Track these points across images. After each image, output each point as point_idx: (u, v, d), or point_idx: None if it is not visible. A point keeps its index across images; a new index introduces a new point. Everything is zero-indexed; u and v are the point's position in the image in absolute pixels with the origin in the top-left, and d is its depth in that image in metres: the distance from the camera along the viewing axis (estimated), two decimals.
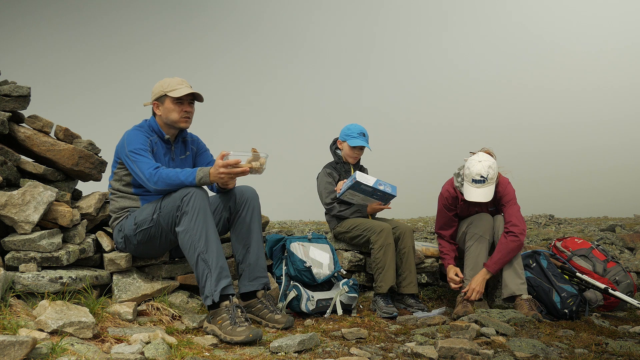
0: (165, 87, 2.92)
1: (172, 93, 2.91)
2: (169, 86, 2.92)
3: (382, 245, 3.53)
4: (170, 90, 2.91)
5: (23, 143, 2.96)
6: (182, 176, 2.69)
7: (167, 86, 2.92)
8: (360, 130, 3.92)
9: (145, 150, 2.84)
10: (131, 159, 2.80)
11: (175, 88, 2.92)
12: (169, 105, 2.92)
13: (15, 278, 2.49)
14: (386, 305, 3.38)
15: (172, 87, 2.92)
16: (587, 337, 2.84)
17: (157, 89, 2.96)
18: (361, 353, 2.36)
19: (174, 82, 2.94)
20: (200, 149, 3.22)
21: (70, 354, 1.93)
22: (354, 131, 3.93)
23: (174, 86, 2.92)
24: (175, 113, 2.92)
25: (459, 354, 2.30)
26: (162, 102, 2.94)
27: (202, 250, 2.60)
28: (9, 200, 2.61)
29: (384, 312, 3.32)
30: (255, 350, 2.35)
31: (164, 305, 2.80)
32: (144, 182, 2.77)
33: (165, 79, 2.96)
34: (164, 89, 2.93)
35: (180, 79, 2.97)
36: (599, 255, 4.01)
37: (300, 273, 3.26)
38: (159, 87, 2.95)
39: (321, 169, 4.01)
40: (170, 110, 2.92)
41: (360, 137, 3.90)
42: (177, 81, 2.94)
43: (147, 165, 2.76)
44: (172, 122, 2.96)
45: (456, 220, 3.74)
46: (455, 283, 3.57)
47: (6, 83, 2.94)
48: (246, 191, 2.99)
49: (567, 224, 14.48)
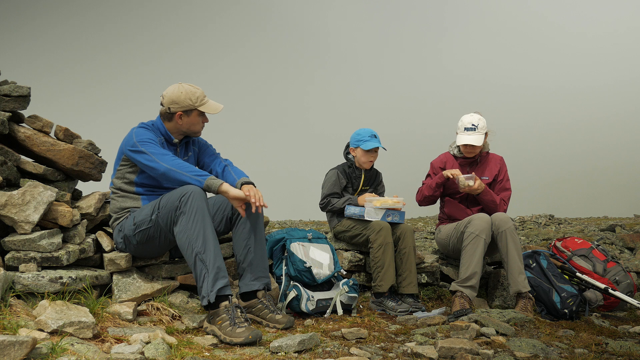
0: (194, 100, 2.91)
1: (204, 108, 2.93)
2: (198, 100, 2.92)
3: (382, 244, 3.53)
4: (200, 105, 2.93)
5: (23, 143, 2.95)
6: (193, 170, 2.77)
7: (197, 100, 2.92)
8: (371, 133, 3.87)
9: (155, 142, 2.85)
10: (139, 147, 2.80)
11: (204, 102, 2.95)
12: (196, 118, 2.96)
13: (15, 278, 2.49)
14: (397, 304, 3.40)
15: (201, 100, 2.93)
16: (587, 337, 2.84)
17: (185, 102, 2.90)
18: (361, 353, 2.36)
19: (200, 94, 2.94)
20: (203, 147, 3.22)
21: (70, 354, 1.93)
22: (364, 135, 3.87)
23: (202, 100, 2.94)
24: (199, 125, 3.00)
25: (459, 354, 2.30)
26: (189, 114, 2.93)
27: (200, 250, 2.60)
28: (9, 200, 2.61)
29: (399, 311, 3.35)
30: (255, 350, 2.35)
31: (164, 305, 2.80)
32: (153, 160, 2.76)
33: (186, 89, 2.92)
34: (193, 102, 2.91)
35: (200, 89, 2.97)
36: (599, 255, 4.02)
37: (301, 273, 3.26)
38: (185, 99, 2.90)
39: (332, 168, 3.97)
40: (196, 122, 2.98)
41: (372, 139, 3.84)
42: (201, 93, 2.95)
43: (157, 147, 2.82)
44: (192, 133, 3.02)
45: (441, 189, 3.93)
46: (451, 174, 3.75)
47: (6, 83, 2.94)
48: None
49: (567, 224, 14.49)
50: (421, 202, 4.02)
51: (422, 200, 3.99)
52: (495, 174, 3.94)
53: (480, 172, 3.94)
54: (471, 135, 3.80)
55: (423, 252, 4.39)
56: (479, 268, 3.51)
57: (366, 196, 3.77)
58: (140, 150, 2.80)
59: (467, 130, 3.83)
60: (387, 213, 3.67)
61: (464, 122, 3.86)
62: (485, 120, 3.88)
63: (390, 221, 3.68)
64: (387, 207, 3.67)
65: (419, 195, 4.01)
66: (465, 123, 3.84)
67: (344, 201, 3.80)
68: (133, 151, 2.82)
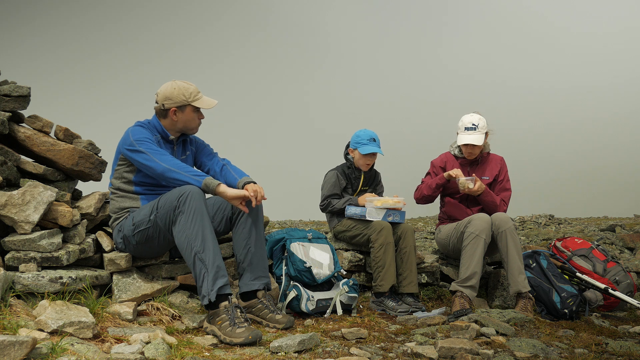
0: (188, 95, 2.92)
1: (197, 103, 2.93)
2: (192, 95, 2.93)
3: (383, 244, 3.53)
4: (194, 100, 2.93)
5: (23, 143, 2.95)
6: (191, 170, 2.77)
7: (190, 95, 2.92)
8: (371, 136, 3.83)
9: (151, 141, 2.86)
10: (136, 146, 2.80)
11: (198, 97, 2.95)
12: (190, 114, 2.96)
13: (15, 278, 2.49)
14: (397, 304, 3.40)
15: (194, 96, 2.93)
16: (587, 337, 2.84)
17: (178, 97, 2.91)
18: (361, 353, 2.36)
19: (193, 90, 2.95)
20: (200, 146, 3.22)
21: (70, 354, 1.93)
22: (363, 138, 3.84)
23: (196, 95, 2.94)
24: (194, 121, 2.99)
25: (459, 354, 2.30)
26: (183, 110, 2.93)
27: (199, 249, 2.60)
28: (9, 200, 2.61)
29: (399, 311, 3.35)
30: (255, 350, 2.35)
31: (164, 305, 2.80)
32: (151, 159, 2.77)
33: (180, 85, 2.93)
34: (186, 97, 2.91)
35: (194, 85, 2.97)
36: (599, 255, 4.02)
37: (301, 273, 3.26)
38: (179, 95, 2.91)
39: (332, 169, 3.96)
40: (191, 118, 2.97)
41: (370, 143, 3.82)
42: (195, 89, 2.95)
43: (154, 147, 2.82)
44: (188, 130, 3.01)
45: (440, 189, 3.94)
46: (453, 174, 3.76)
47: (6, 83, 2.94)
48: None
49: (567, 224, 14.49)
50: (419, 201, 4.03)
51: (420, 199, 4.00)
52: (495, 174, 3.94)
53: (481, 172, 3.94)
54: (471, 135, 3.81)
55: (423, 252, 4.39)
56: (479, 268, 3.51)
57: (366, 196, 3.77)
58: (138, 150, 2.80)
59: (467, 130, 3.84)
60: (387, 213, 3.68)
61: (464, 121, 3.87)
62: (486, 120, 3.90)
63: (391, 221, 3.68)
64: (388, 207, 3.67)
65: (418, 194, 4.01)
66: (466, 123, 3.86)
67: (344, 202, 3.80)
68: (130, 150, 2.82)
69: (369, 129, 3.90)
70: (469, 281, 3.48)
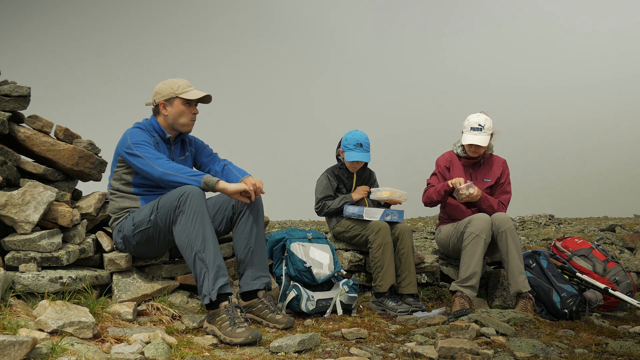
0: (175, 88, 2.92)
1: (185, 95, 2.92)
2: (180, 88, 2.93)
3: (381, 244, 3.53)
4: (181, 92, 2.92)
5: (23, 143, 2.95)
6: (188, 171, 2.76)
7: (178, 88, 2.93)
8: (358, 141, 3.74)
9: (149, 144, 2.86)
10: (134, 150, 2.80)
11: (186, 90, 2.93)
12: (179, 107, 2.94)
13: (15, 278, 2.49)
14: (397, 304, 3.40)
15: (182, 89, 2.93)
16: (587, 337, 2.84)
17: (166, 91, 2.93)
18: (361, 353, 2.36)
19: (183, 83, 2.95)
20: (199, 147, 3.22)
21: (70, 354, 1.93)
22: (350, 142, 3.76)
23: (184, 88, 2.94)
24: (185, 115, 2.95)
25: (459, 354, 2.30)
26: (171, 103, 2.93)
27: (199, 249, 2.60)
28: (9, 200, 2.61)
29: (399, 311, 3.35)
30: (255, 350, 2.35)
31: (164, 305, 2.80)
32: (148, 164, 2.76)
33: (170, 80, 2.96)
34: (174, 90, 2.92)
35: (186, 80, 2.97)
36: (599, 255, 4.01)
37: (301, 273, 3.26)
38: (167, 88, 2.94)
39: (323, 172, 3.95)
40: (180, 112, 2.94)
41: (356, 149, 3.74)
42: (185, 83, 2.95)
43: (152, 150, 2.81)
44: (180, 125, 2.99)
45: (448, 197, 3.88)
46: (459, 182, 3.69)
47: (6, 83, 2.94)
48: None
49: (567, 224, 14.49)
50: (427, 204, 3.98)
51: (429, 203, 3.95)
52: (497, 176, 3.93)
53: (483, 173, 3.94)
54: (477, 136, 3.78)
55: (423, 252, 4.39)
56: (479, 268, 3.51)
57: (361, 189, 3.77)
58: (135, 154, 2.80)
59: (473, 130, 3.81)
60: (386, 212, 3.67)
61: (471, 121, 3.84)
62: (492, 121, 3.88)
63: (389, 220, 3.68)
64: (394, 200, 3.71)
65: (426, 198, 3.95)
66: (472, 123, 3.83)
67: (339, 201, 3.79)
68: (128, 154, 2.83)
69: (359, 131, 3.82)
70: (469, 281, 3.49)
